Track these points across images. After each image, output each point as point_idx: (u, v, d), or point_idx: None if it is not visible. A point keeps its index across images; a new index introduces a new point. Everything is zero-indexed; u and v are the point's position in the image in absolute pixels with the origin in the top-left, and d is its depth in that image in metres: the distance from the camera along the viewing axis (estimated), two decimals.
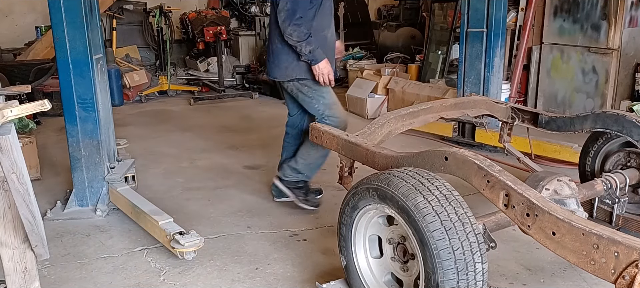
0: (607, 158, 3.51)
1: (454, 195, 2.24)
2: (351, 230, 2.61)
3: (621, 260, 1.85)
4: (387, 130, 3.39)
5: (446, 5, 8.09)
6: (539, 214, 2.11)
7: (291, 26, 3.48)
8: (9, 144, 1.80)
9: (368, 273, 2.63)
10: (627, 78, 5.80)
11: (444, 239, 2.11)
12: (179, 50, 10.32)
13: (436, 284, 2.14)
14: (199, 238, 3.23)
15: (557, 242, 2.06)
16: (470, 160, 2.40)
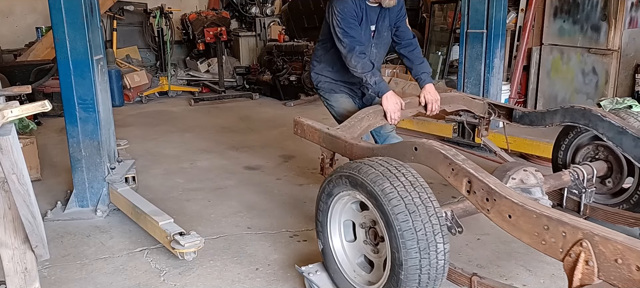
0: (578, 151, 3.64)
1: (419, 182, 2.39)
2: (327, 215, 2.76)
3: (568, 239, 1.99)
4: (366, 124, 3.52)
5: (446, 6, 8.10)
6: (496, 199, 2.26)
7: (354, 59, 3.53)
8: (10, 145, 1.80)
9: (343, 255, 2.78)
10: (627, 79, 5.80)
11: (408, 221, 2.27)
12: (180, 51, 10.34)
13: (400, 262, 2.30)
14: (199, 238, 3.23)
15: (513, 224, 2.20)
16: (436, 150, 2.57)
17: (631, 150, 3.11)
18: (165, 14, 9.31)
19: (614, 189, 3.54)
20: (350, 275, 2.74)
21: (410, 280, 2.30)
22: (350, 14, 3.52)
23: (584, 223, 2.00)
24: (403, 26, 3.87)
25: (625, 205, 3.50)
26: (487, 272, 3.15)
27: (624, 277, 1.82)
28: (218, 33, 8.97)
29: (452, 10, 7.85)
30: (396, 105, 3.56)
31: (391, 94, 3.57)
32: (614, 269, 1.86)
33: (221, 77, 8.79)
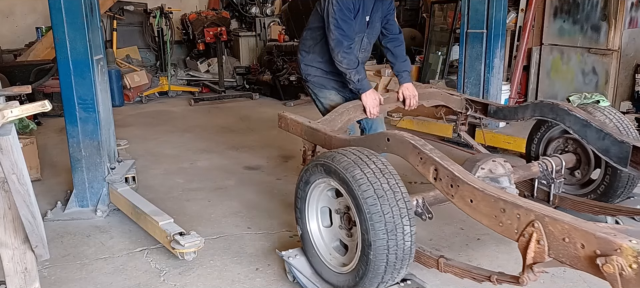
0: (549, 143, 3.79)
1: (388, 169, 2.54)
2: (305, 203, 2.92)
3: (522, 221, 2.14)
4: (346, 118, 3.70)
5: (446, 7, 8.10)
6: (460, 185, 2.42)
7: (341, 53, 3.62)
8: (10, 145, 1.80)
9: (320, 240, 2.94)
10: (627, 79, 5.80)
11: (376, 205, 2.43)
12: (180, 51, 10.34)
13: (369, 243, 2.45)
14: (199, 238, 3.23)
15: (474, 208, 2.36)
16: (407, 141, 2.75)
17: (595, 142, 3.26)
18: (165, 14, 9.31)
19: (583, 180, 3.68)
20: (326, 258, 2.88)
21: (378, 260, 2.45)
22: (347, 6, 3.58)
23: (536, 206, 2.14)
24: (392, 19, 3.99)
25: (592, 195, 3.63)
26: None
27: (571, 254, 1.97)
28: (218, 33, 8.97)
29: (452, 10, 7.85)
30: (375, 100, 3.72)
31: (372, 91, 3.72)
32: (562, 247, 2.01)
33: (221, 77, 8.79)
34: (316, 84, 3.96)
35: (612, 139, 3.17)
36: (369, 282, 2.55)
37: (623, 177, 3.44)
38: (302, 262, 3.01)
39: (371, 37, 3.93)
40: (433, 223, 3.68)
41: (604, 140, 3.21)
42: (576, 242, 1.96)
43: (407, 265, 2.56)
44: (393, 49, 3.99)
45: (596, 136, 3.25)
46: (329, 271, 2.85)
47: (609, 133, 3.20)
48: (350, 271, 2.68)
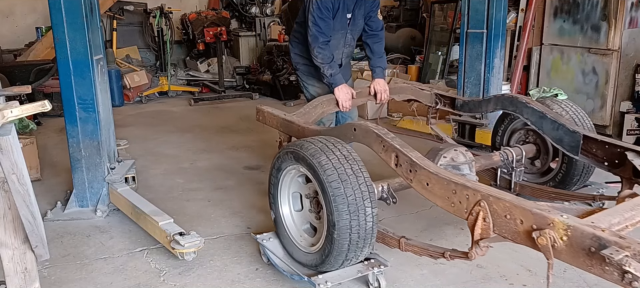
0: (512, 135, 4.04)
1: (352, 156, 2.76)
2: (277, 188, 3.14)
3: (470, 201, 2.36)
4: (320, 111, 3.97)
5: (446, 6, 8.10)
6: (417, 170, 2.66)
7: (317, 49, 3.88)
8: (9, 145, 1.80)
9: (291, 223, 3.16)
10: (627, 79, 5.79)
11: (340, 188, 2.64)
12: (179, 51, 10.34)
13: (333, 224, 2.66)
14: (199, 238, 3.23)
15: (430, 191, 2.59)
16: (371, 130, 2.98)
17: (550, 132, 3.46)
18: (165, 14, 9.31)
19: (542, 169, 3.91)
20: (297, 240, 3.10)
21: (342, 239, 2.67)
22: (326, 6, 3.83)
23: (482, 187, 2.36)
24: (375, 16, 4.21)
25: (551, 183, 3.84)
26: (487, 271, 3.15)
27: (512, 230, 2.21)
28: (218, 33, 8.96)
29: (452, 10, 7.85)
30: (347, 94, 3.98)
31: (344, 86, 3.98)
32: (504, 223, 2.24)
33: (221, 77, 8.79)
34: (304, 72, 4.26)
35: (565, 129, 3.36)
36: (334, 260, 2.76)
37: (578, 166, 3.63)
38: (275, 244, 3.22)
39: (354, 33, 4.17)
40: (433, 223, 3.74)
41: (558, 130, 3.40)
42: (516, 218, 2.18)
43: (369, 245, 2.77)
44: (372, 44, 4.25)
45: (551, 127, 3.44)
46: (299, 251, 3.05)
47: (562, 124, 3.38)
48: (317, 250, 2.89)
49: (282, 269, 3.09)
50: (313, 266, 2.93)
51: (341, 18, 3.97)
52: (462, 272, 3.16)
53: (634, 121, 5.64)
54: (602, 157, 3.20)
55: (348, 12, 3.98)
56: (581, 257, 1.98)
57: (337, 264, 2.79)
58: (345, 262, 2.80)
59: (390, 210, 3.98)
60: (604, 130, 5.92)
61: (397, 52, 9.10)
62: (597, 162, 3.26)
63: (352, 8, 3.98)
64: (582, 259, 1.98)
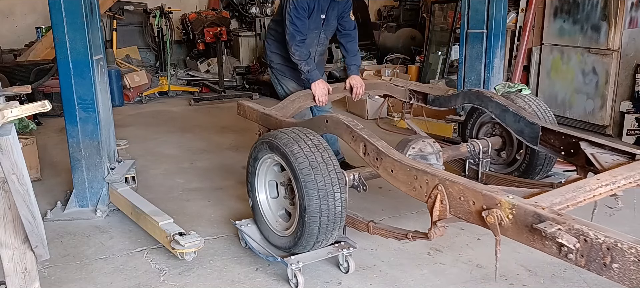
0: (481, 128, 4.23)
1: (323, 145, 2.96)
2: (255, 177, 3.34)
3: (429, 185, 2.56)
4: (297, 105, 4.19)
5: (446, 6, 8.09)
6: (383, 158, 2.85)
7: (294, 46, 4.08)
8: (9, 145, 1.80)
9: (268, 209, 3.35)
10: (627, 79, 5.79)
11: (310, 174, 2.84)
12: (179, 51, 10.33)
13: (304, 207, 2.87)
14: (199, 238, 3.23)
15: (394, 177, 2.78)
16: (341, 121, 3.20)
17: (512, 125, 3.63)
18: (165, 13, 9.30)
19: (508, 160, 4.08)
20: (273, 225, 3.30)
21: (312, 222, 2.87)
22: (302, 6, 4.02)
23: (440, 172, 2.59)
24: (347, 17, 4.43)
25: (516, 173, 3.98)
26: (487, 271, 3.15)
27: (466, 210, 2.39)
28: (218, 33, 8.96)
29: (452, 10, 7.84)
30: (323, 89, 4.16)
31: (320, 81, 4.16)
32: (459, 205, 2.42)
33: (221, 77, 8.79)
34: (278, 70, 4.43)
35: (525, 121, 3.52)
36: (306, 242, 2.97)
37: (540, 157, 3.80)
38: (253, 229, 3.43)
39: (328, 33, 4.39)
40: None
41: (519, 122, 3.57)
42: (469, 199, 2.36)
43: (338, 228, 2.98)
44: (346, 44, 4.49)
45: (513, 119, 3.60)
46: (274, 235, 3.26)
47: (523, 116, 3.54)
48: (291, 234, 3.09)
49: (258, 252, 3.28)
50: (287, 248, 3.13)
51: (316, 18, 4.18)
52: (462, 272, 3.16)
53: (634, 121, 5.64)
54: (559, 147, 3.34)
55: (322, 13, 4.20)
56: (524, 233, 2.17)
57: (308, 246, 3.00)
58: (317, 244, 3.00)
59: (390, 210, 3.98)
60: (604, 130, 5.92)
61: (397, 52, 9.10)
62: (555, 151, 3.40)
63: (326, 9, 4.20)
64: (525, 235, 2.16)
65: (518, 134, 3.61)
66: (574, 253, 1.97)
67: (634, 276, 1.81)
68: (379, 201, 4.19)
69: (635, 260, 1.80)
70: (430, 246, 3.46)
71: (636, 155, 2.85)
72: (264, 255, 3.23)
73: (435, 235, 2.57)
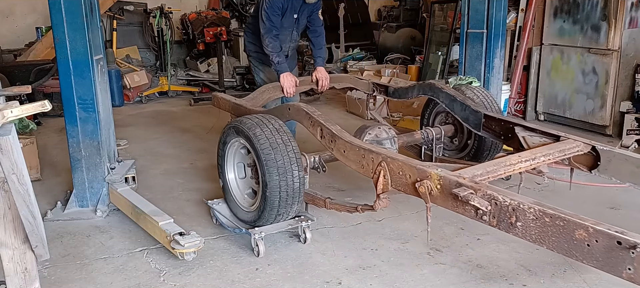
0: (436, 117, 4.58)
1: (283, 129, 3.32)
2: (224, 159, 3.69)
3: (374, 162, 2.91)
4: (267, 96, 4.65)
5: (446, 6, 8.09)
6: (336, 140, 3.22)
7: (268, 39, 4.53)
8: (9, 145, 1.80)
9: (236, 189, 3.69)
10: (627, 79, 5.79)
11: (271, 154, 3.20)
12: (179, 51, 10.32)
13: (266, 184, 3.22)
14: (199, 238, 3.23)
15: (346, 157, 3.15)
16: (301, 109, 3.60)
17: (459, 113, 3.97)
18: (165, 14, 9.29)
19: (460, 145, 4.42)
20: (241, 202, 3.64)
21: (273, 196, 3.22)
22: (276, 5, 4.49)
23: (383, 151, 2.97)
24: (316, 16, 4.87)
25: (467, 157, 4.29)
26: (487, 271, 3.15)
27: (403, 183, 2.75)
28: (218, 33, 8.95)
29: (452, 10, 7.85)
30: (291, 82, 4.60)
31: (288, 74, 4.59)
32: (398, 178, 2.78)
33: (221, 77, 8.78)
34: (256, 58, 4.95)
35: (470, 109, 3.87)
36: (268, 215, 3.31)
37: (487, 142, 4.11)
38: (223, 207, 3.77)
39: (299, 30, 4.87)
40: (433, 223, 3.70)
41: (465, 111, 3.92)
42: (406, 173, 2.73)
43: (297, 202, 3.32)
44: (313, 39, 4.95)
45: (460, 108, 3.96)
46: (242, 211, 3.60)
47: (468, 105, 3.89)
48: (255, 209, 3.44)
49: (227, 226, 3.67)
50: (252, 222, 3.46)
51: (289, 18, 4.64)
52: (462, 272, 3.16)
53: (634, 121, 5.64)
54: (499, 132, 3.69)
55: (295, 13, 4.65)
56: (449, 200, 2.50)
57: (271, 219, 3.34)
58: (278, 217, 3.35)
59: (391, 211, 3.98)
60: (604, 130, 5.92)
61: (397, 52, 9.11)
62: (496, 136, 3.73)
63: (298, 9, 4.65)
64: (450, 202, 2.49)
65: (464, 121, 3.95)
66: (487, 215, 2.33)
67: (533, 232, 2.18)
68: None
69: (533, 218, 2.16)
70: (430, 246, 3.46)
71: (560, 137, 3.24)
72: (232, 228, 3.60)
73: (379, 206, 2.94)
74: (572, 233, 2.06)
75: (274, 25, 4.51)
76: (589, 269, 3.08)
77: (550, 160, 3.05)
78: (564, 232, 2.08)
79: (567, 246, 2.09)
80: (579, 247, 2.04)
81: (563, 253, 2.12)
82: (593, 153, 3.15)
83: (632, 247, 1.88)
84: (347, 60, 8.82)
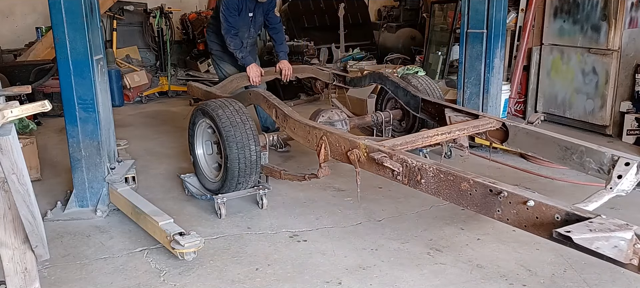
0: (388, 102, 5.11)
1: (242, 110, 3.90)
2: (194, 138, 4.25)
3: (317, 137, 3.44)
4: (235, 84, 5.32)
5: (446, 7, 8.10)
6: (288, 119, 3.77)
7: (229, 38, 5.15)
8: (9, 145, 1.81)
9: (205, 164, 4.27)
10: (627, 79, 5.79)
11: (231, 130, 3.78)
12: (179, 51, 10.31)
13: (227, 157, 3.80)
14: (199, 238, 3.23)
15: (296, 133, 3.68)
16: (260, 93, 4.25)
17: (402, 98, 4.53)
18: (165, 14, 9.29)
19: (407, 127, 4.87)
20: (208, 175, 4.21)
21: (233, 167, 3.80)
22: (232, 7, 5.11)
23: (324, 127, 3.48)
24: (272, 14, 5.54)
25: None
26: (487, 271, 3.15)
27: (339, 152, 3.27)
28: None
29: (452, 10, 7.85)
30: (257, 72, 5.28)
31: (254, 65, 5.27)
32: (335, 149, 3.31)
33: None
34: (217, 55, 5.54)
35: (411, 94, 4.41)
36: (229, 183, 3.88)
37: (429, 124, 4.43)
38: (194, 180, 4.36)
39: (256, 27, 5.49)
40: (433, 223, 3.74)
41: (406, 96, 4.47)
42: (341, 145, 3.24)
43: (255, 173, 3.90)
44: (274, 35, 5.64)
45: (403, 94, 4.51)
46: (209, 182, 4.17)
47: (409, 91, 4.43)
48: (219, 179, 4.01)
49: (196, 194, 4.28)
50: (216, 190, 4.03)
51: (245, 16, 5.24)
52: (462, 272, 3.16)
53: (634, 121, 5.64)
54: (434, 113, 4.19)
55: (250, 12, 5.27)
56: (373, 165, 3.02)
57: (232, 187, 3.90)
58: (239, 185, 3.91)
59: (391, 210, 3.99)
60: (604, 130, 5.92)
61: (397, 52, 9.11)
62: (431, 117, 4.24)
63: (253, 8, 5.28)
64: (374, 166, 3.01)
65: (406, 105, 4.48)
66: (400, 175, 2.86)
67: (433, 186, 2.72)
68: (379, 201, 4.19)
69: (433, 175, 2.71)
70: (430, 246, 3.46)
71: (478, 116, 3.77)
72: (199, 196, 4.24)
73: (322, 174, 3.46)
74: (459, 185, 2.58)
75: (232, 25, 5.12)
76: (589, 269, 3.09)
77: (465, 133, 3.63)
78: (453, 184, 2.61)
79: (456, 195, 2.61)
80: (464, 196, 2.57)
81: (453, 202, 2.65)
82: (503, 128, 3.61)
83: (499, 193, 2.41)
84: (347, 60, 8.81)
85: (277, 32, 5.59)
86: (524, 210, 2.33)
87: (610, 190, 2.80)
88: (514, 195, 2.36)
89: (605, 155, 2.98)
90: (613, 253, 1.99)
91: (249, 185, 3.96)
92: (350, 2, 10.00)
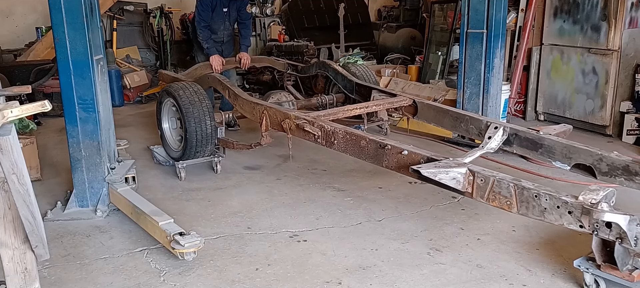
0: (333, 88, 5.63)
1: (200, 91, 4.67)
2: (161, 114, 5.00)
3: (260, 111, 4.19)
4: (199, 72, 5.93)
5: (446, 7, 8.08)
6: (237, 98, 4.56)
7: (199, 30, 5.97)
8: (9, 145, 1.81)
9: (170, 136, 5.03)
10: (627, 79, 5.79)
11: (190, 108, 4.53)
12: (180, 51, 10.32)
13: (186, 129, 4.55)
14: (199, 238, 3.23)
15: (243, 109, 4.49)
16: (216, 77, 5.12)
17: (341, 83, 5.24)
18: (165, 14, 9.29)
19: None
20: (172, 145, 4.98)
21: (192, 138, 4.54)
22: (206, 3, 5.91)
23: (265, 103, 4.26)
24: (244, 10, 6.31)
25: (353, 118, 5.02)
26: (487, 271, 3.15)
27: (276, 123, 4.01)
28: None
29: (452, 10, 7.83)
30: (218, 61, 5.97)
31: (216, 56, 5.97)
32: (273, 120, 4.05)
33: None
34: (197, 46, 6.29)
35: (347, 79, 5.13)
36: (189, 151, 4.63)
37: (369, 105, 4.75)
38: (161, 150, 5.16)
39: (231, 21, 6.26)
40: (433, 223, 3.74)
41: (344, 80, 5.17)
42: (277, 117, 4.00)
43: (210, 144, 4.66)
44: (241, 29, 6.36)
45: (342, 79, 5.21)
46: (173, 151, 4.93)
47: (346, 76, 5.15)
48: (181, 149, 4.74)
49: (162, 161, 5.13)
50: (178, 158, 4.79)
51: (219, 11, 6.03)
52: (462, 272, 3.16)
53: (634, 121, 5.64)
54: (365, 95, 4.81)
55: (224, 7, 6.04)
56: (301, 132, 3.75)
57: (191, 155, 4.66)
58: (197, 154, 4.67)
59: (391, 210, 3.99)
60: (604, 130, 5.91)
61: (397, 52, 9.09)
62: (363, 99, 4.81)
63: (227, 4, 6.04)
64: (301, 133, 3.75)
65: (344, 89, 5.17)
66: (320, 138, 3.60)
67: (342, 145, 3.51)
68: (379, 201, 4.19)
69: (342, 137, 3.49)
70: (430, 246, 3.46)
71: (397, 95, 4.56)
72: (164, 162, 5.10)
73: (264, 142, 4.16)
74: (359, 143, 3.42)
75: (203, 19, 5.93)
76: None
77: (382, 108, 4.45)
78: (356, 143, 3.43)
79: (358, 151, 3.43)
80: (363, 151, 3.39)
81: (356, 156, 3.47)
82: (414, 104, 4.34)
83: (385, 146, 3.23)
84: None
85: (246, 27, 6.38)
86: (401, 157, 3.15)
87: (482, 149, 3.57)
88: (394, 147, 3.19)
89: (482, 122, 3.82)
90: (452, 183, 2.83)
91: (206, 154, 4.73)
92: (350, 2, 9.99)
